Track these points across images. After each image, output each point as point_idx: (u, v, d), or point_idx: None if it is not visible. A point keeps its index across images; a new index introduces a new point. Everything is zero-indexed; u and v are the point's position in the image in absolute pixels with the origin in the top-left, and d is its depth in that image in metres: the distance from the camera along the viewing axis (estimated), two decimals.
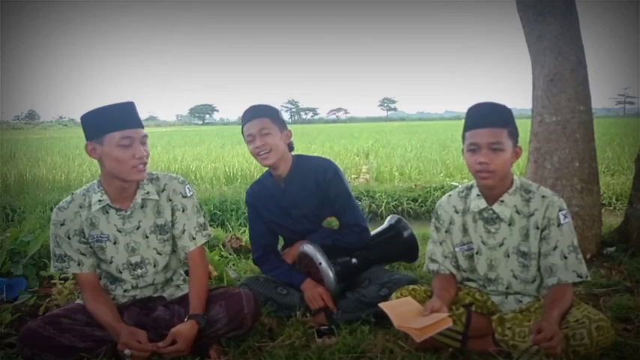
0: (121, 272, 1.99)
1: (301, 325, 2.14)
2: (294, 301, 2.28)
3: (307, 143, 15.66)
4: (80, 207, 1.93)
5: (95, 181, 1.97)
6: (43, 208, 5.46)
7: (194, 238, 2.03)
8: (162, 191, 2.01)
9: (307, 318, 2.22)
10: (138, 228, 1.97)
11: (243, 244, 3.62)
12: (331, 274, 2.24)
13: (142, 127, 1.87)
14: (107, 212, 1.94)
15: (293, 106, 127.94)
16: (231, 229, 4.49)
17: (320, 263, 2.24)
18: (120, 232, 1.96)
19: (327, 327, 2.10)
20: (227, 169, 8.55)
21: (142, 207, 1.97)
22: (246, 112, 2.31)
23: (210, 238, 2.13)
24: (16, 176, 7.92)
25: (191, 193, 2.06)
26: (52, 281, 2.58)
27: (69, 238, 1.92)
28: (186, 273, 2.26)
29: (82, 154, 13.67)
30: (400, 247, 2.55)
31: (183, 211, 2.02)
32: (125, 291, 2.02)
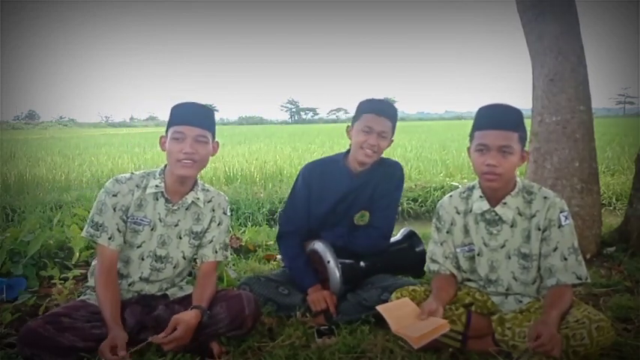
0: (142, 260, 2.04)
1: (301, 325, 2.14)
2: (295, 302, 2.28)
3: (307, 143, 15.66)
4: (136, 186, 2.03)
5: (159, 169, 2.08)
6: (43, 208, 5.46)
7: (216, 252, 2.12)
8: (209, 202, 2.13)
9: (307, 318, 2.22)
10: (176, 225, 2.07)
11: (243, 244, 3.63)
12: (337, 274, 2.24)
13: (205, 127, 1.96)
14: (157, 199, 2.04)
15: (293, 106, 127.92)
16: (231, 229, 4.48)
17: (328, 262, 2.25)
18: (160, 221, 2.05)
19: (327, 327, 2.10)
20: (227, 169, 8.55)
21: (187, 209, 2.07)
22: (376, 103, 2.28)
23: (227, 260, 2.25)
24: (16, 176, 7.92)
25: (229, 213, 2.20)
26: (52, 281, 2.58)
27: (114, 210, 1.99)
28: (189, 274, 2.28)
29: (82, 154, 13.68)
30: (410, 261, 2.52)
31: (219, 224, 2.14)
32: (130, 285, 2.04)
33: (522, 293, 1.92)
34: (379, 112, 2.23)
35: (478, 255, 1.96)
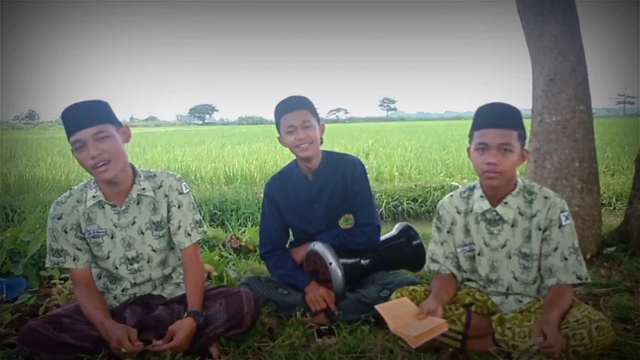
0: (117, 268, 1.99)
1: (301, 325, 2.14)
2: (295, 300, 2.28)
3: None
4: (78, 202, 1.96)
5: (93, 178, 1.97)
6: (43, 208, 5.45)
7: (189, 235, 2.02)
8: (159, 188, 2.00)
9: (307, 318, 2.21)
10: (133, 223, 1.98)
11: (243, 244, 3.62)
12: (340, 275, 2.22)
13: (99, 122, 1.79)
14: (103, 207, 1.96)
15: None
16: (231, 229, 4.49)
17: (330, 263, 2.23)
18: (116, 226, 1.97)
19: (327, 327, 2.10)
20: (227, 169, 8.56)
21: (137, 203, 1.97)
22: (285, 103, 2.30)
23: (206, 235, 2.12)
24: (16, 176, 7.93)
25: (187, 190, 2.06)
26: (52, 281, 2.58)
27: (65, 232, 1.94)
28: None
29: None
30: (408, 255, 2.54)
31: (179, 207, 2.02)
32: (124, 290, 2.03)
33: (522, 293, 1.92)
34: (291, 109, 2.27)
35: (479, 255, 1.96)
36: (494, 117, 1.80)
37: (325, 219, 2.39)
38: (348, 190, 2.35)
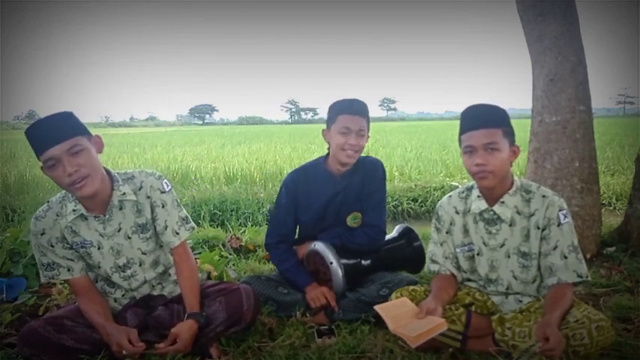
0: (110, 276, 1.96)
1: (301, 325, 2.14)
2: (295, 300, 2.28)
3: (307, 143, 15.64)
4: (57, 215, 1.88)
5: None
6: None
7: (177, 233, 1.98)
8: (140, 189, 1.93)
9: (307, 318, 2.22)
10: (119, 230, 1.93)
11: (243, 244, 3.62)
12: (341, 274, 2.23)
13: (69, 137, 1.69)
14: (86, 219, 1.89)
15: (293, 106, 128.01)
16: (231, 229, 4.48)
17: (331, 263, 2.24)
18: (102, 236, 1.91)
19: (327, 327, 2.10)
20: (227, 169, 8.55)
21: (120, 209, 1.91)
22: (350, 103, 2.28)
23: (194, 231, 2.08)
24: (16, 176, 7.93)
25: (169, 187, 1.98)
26: (52, 281, 2.58)
27: (52, 246, 1.88)
28: None
29: None
30: (408, 256, 2.56)
31: (163, 206, 1.96)
32: (123, 295, 2.02)
33: (522, 292, 1.92)
34: (354, 112, 2.25)
35: (478, 254, 1.97)
36: (476, 118, 1.81)
37: (334, 217, 2.39)
38: (365, 188, 2.36)
